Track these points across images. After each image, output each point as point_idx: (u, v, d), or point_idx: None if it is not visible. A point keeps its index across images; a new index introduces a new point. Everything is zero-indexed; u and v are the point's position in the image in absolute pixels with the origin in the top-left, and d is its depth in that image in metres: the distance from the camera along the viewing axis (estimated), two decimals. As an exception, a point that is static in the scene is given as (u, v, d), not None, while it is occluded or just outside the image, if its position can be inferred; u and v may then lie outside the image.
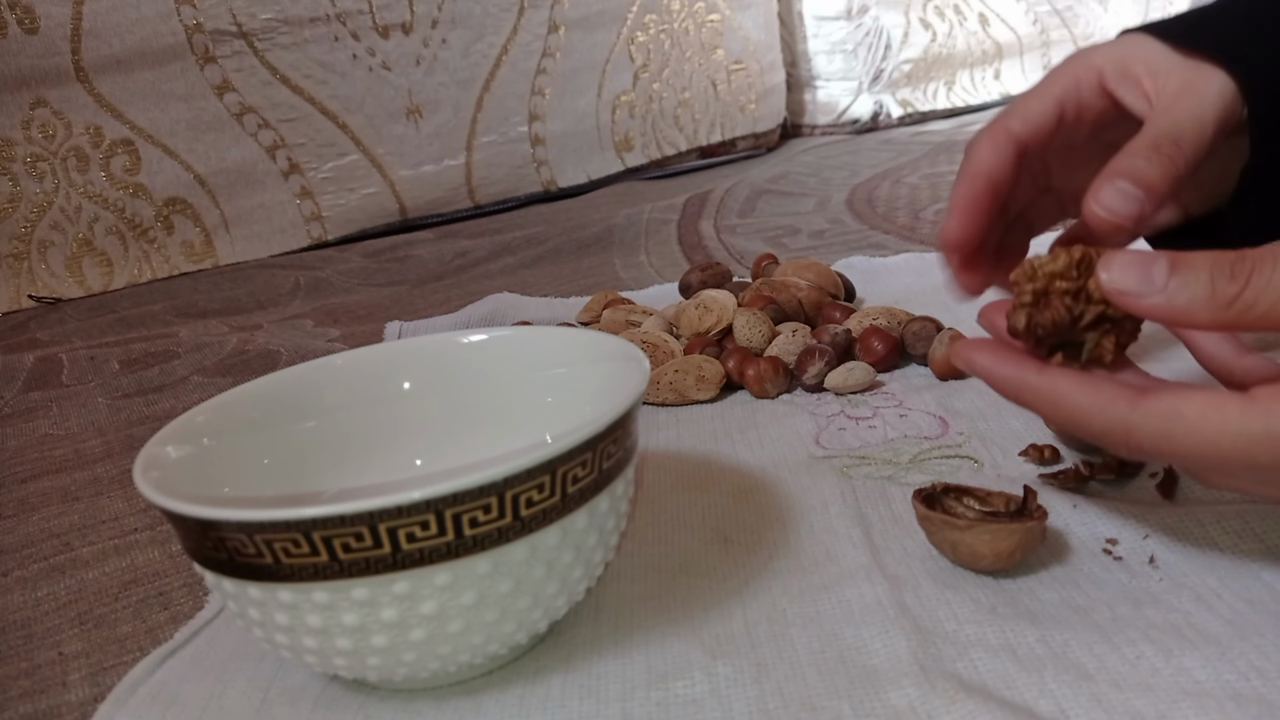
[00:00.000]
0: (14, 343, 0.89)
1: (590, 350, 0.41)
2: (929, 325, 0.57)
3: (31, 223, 1.03)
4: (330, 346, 0.77)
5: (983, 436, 0.48)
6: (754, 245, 0.93)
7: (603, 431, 0.31)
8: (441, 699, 0.34)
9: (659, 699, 0.32)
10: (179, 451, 0.35)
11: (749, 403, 0.56)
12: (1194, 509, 0.39)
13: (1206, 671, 0.31)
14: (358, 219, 1.19)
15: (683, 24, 1.39)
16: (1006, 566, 0.36)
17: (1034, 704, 0.30)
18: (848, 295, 0.68)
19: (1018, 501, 0.38)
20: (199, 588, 0.43)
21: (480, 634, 0.31)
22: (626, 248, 0.98)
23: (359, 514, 0.28)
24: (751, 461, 0.48)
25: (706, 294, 0.64)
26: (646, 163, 1.38)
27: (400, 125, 1.19)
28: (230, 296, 0.98)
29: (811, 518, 0.42)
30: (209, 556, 0.30)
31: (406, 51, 1.18)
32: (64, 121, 1.03)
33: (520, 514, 0.30)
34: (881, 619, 0.35)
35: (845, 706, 0.31)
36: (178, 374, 0.73)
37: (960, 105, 1.59)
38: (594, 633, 0.36)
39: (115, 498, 0.54)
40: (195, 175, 1.09)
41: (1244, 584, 0.35)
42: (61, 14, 1.01)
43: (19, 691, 0.38)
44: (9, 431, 0.65)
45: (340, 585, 0.29)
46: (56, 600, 0.44)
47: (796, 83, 1.56)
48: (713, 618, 0.36)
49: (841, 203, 1.06)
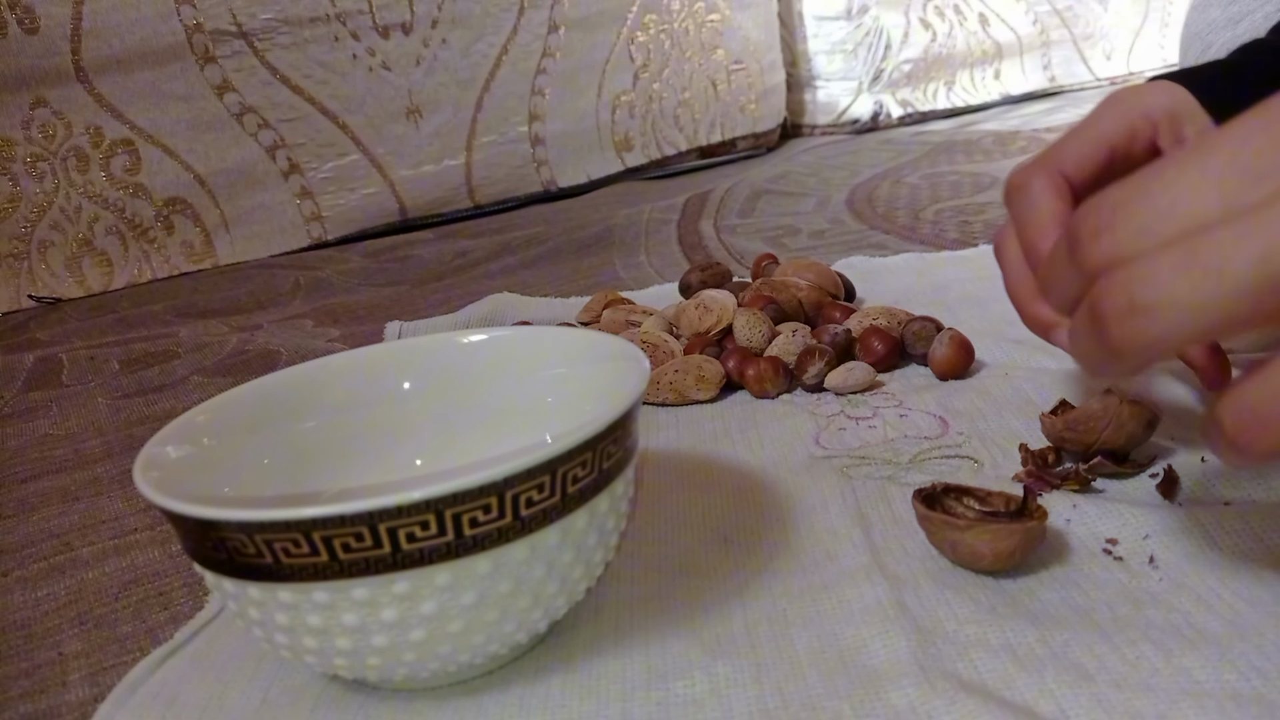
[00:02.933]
0: (14, 343, 0.89)
1: (590, 350, 0.41)
2: (929, 325, 0.57)
3: (31, 223, 1.03)
4: (330, 346, 0.77)
5: (983, 436, 0.48)
6: (754, 245, 0.93)
7: (603, 431, 0.31)
8: (441, 699, 0.34)
9: (659, 699, 0.32)
10: (179, 451, 0.35)
11: (749, 403, 0.56)
12: (1194, 509, 0.39)
13: (1206, 671, 0.31)
14: (358, 219, 1.19)
15: (683, 24, 1.39)
16: (1006, 566, 0.36)
17: (1034, 704, 0.30)
18: (848, 295, 0.68)
19: (1018, 501, 0.38)
20: (199, 588, 0.43)
21: (480, 634, 0.31)
22: (626, 248, 0.98)
23: (359, 514, 0.28)
24: (751, 461, 0.48)
25: (706, 294, 0.64)
26: (646, 163, 1.38)
27: (400, 125, 1.19)
28: (230, 296, 0.98)
29: (811, 518, 0.42)
30: (209, 556, 0.30)
31: (406, 51, 1.18)
32: (64, 121, 1.03)
33: (520, 514, 0.30)
34: (881, 619, 0.35)
35: (845, 706, 0.31)
36: (178, 374, 0.73)
37: (960, 105, 1.59)
38: (594, 633, 0.36)
39: (115, 498, 0.54)
40: (195, 175, 1.09)
41: (1244, 584, 0.35)
42: (61, 14, 1.01)
43: (19, 691, 0.38)
44: (9, 431, 0.65)
45: (340, 585, 0.29)
46: (56, 600, 0.44)
47: (796, 83, 1.56)
48: (713, 618, 0.36)
49: (841, 203, 1.06)
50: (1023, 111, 1.54)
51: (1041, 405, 0.49)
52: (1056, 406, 0.46)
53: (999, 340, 0.59)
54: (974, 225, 0.89)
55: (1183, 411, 0.47)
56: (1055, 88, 1.66)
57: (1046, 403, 0.49)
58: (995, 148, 1.27)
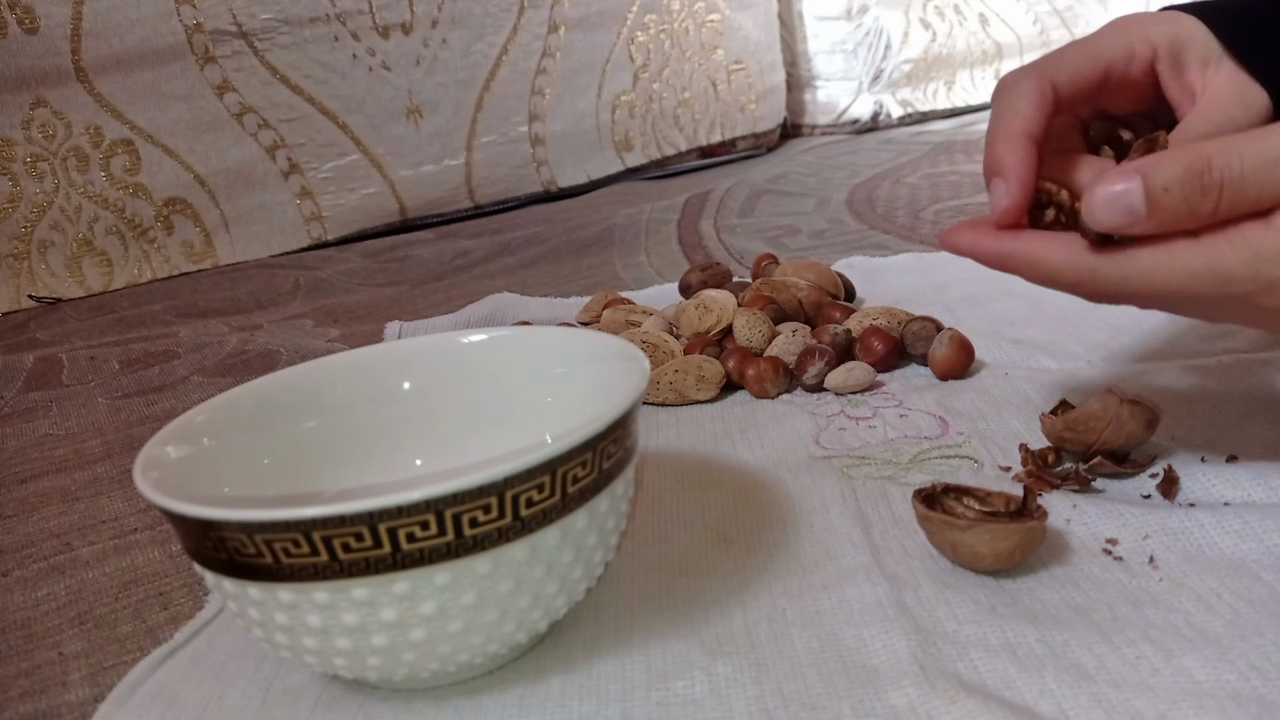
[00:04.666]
0: (14, 343, 0.89)
1: (590, 350, 0.41)
2: (929, 325, 0.57)
3: (31, 223, 1.03)
4: (330, 346, 0.77)
5: (983, 436, 0.48)
6: (754, 245, 0.93)
7: (603, 431, 0.31)
8: (441, 699, 0.34)
9: (659, 699, 0.32)
10: (179, 451, 0.35)
11: (749, 403, 0.56)
12: (1194, 509, 0.39)
13: (1206, 671, 0.31)
14: (358, 219, 1.19)
15: (683, 24, 1.39)
16: (1006, 566, 0.36)
17: (1034, 704, 0.30)
18: (848, 295, 0.68)
19: (1018, 501, 0.38)
20: (199, 588, 0.43)
21: (480, 634, 0.31)
22: (626, 248, 0.98)
23: (359, 514, 0.28)
24: (751, 461, 0.48)
25: (706, 294, 0.64)
26: (646, 163, 1.38)
27: (400, 125, 1.19)
28: (230, 296, 0.98)
29: (811, 518, 0.42)
30: (209, 556, 0.30)
31: (406, 51, 1.18)
32: (64, 121, 1.03)
33: (520, 514, 0.30)
34: (881, 619, 0.35)
35: (845, 706, 0.31)
36: (178, 374, 0.73)
37: (960, 105, 1.59)
38: (594, 633, 0.36)
39: (115, 498, 0.54)
40: (195, 175, 1.09)
41: (1244, 584, 0.35)
42: (61, 14, 1.01)
43: (19, 691, 0.38)
44: (9, 431, 0.65)
45: (340, 585, 0.29)
46: (56, 600, 0.44)
47: (796, 83, 1.56)
48: (713, 618, 0.36)
49: (841, 203, 1.06)
50: (1023, 111, 1.54)
51: (1041, 405, 0.49)
52: (1056, 406, 0.46)
53: (999, 340, 0.59)
54: (974, 225, 0.89)
55: (1183, 411, 0.47)
56: (1055, 88, 1.65)
57: (1046, 403, 0.49)
58: (995, 148, 1.27)
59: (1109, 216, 0.32)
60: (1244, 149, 0.30)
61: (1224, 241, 0.31)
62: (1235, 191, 0.31)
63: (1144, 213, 0.32)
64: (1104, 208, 0.32)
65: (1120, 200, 0.32)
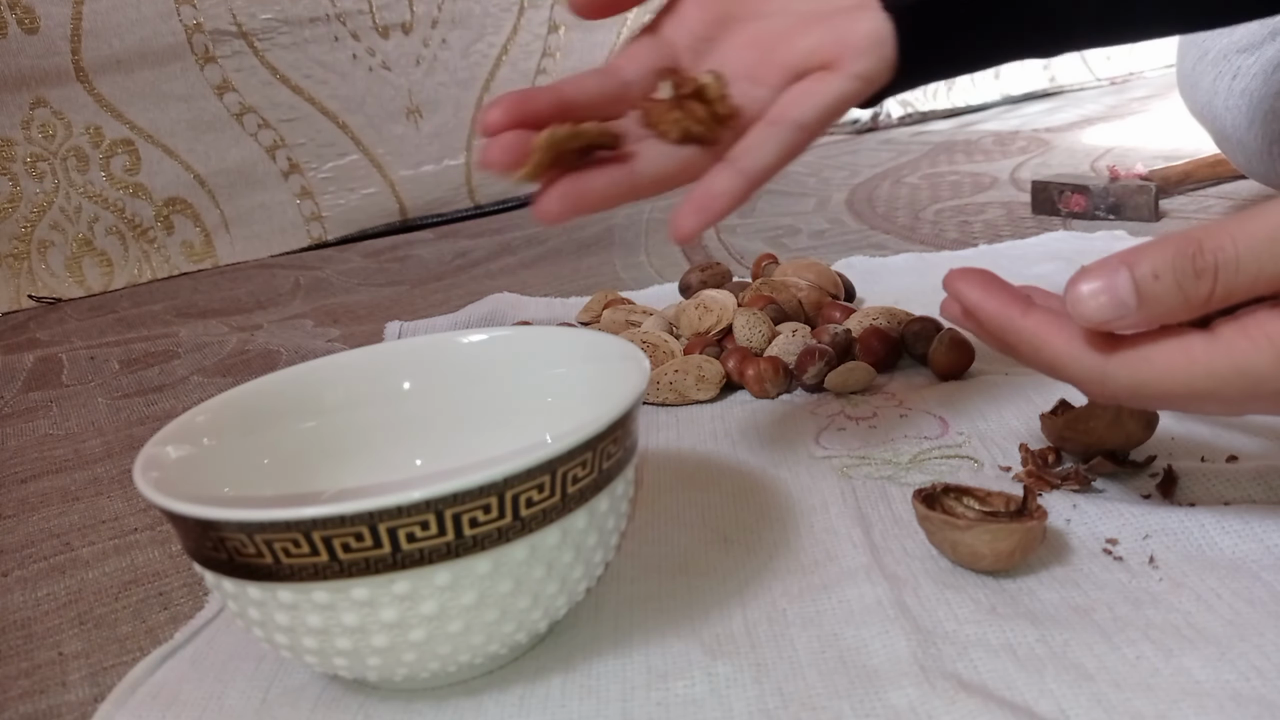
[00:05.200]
0: (14, 343, 0.89)
1: (590, 350, 0.41)
2: (929, 325, 0.57)
3: (31, 223, 1.03)
4: (330, 346, 0.77)
5: (983, 436, 0.48)
6: (754, 245, 0.93)
7: (603, 431, 0.31)
8: (441, 699, 0.34)
9: (659, 699, 0.32)
10: (179, 451, 0.35)
11: (749, 403, 0.56)
12: (1194, 509, 0.39)
13: (1206, 671, 0.31)
14: (358, 219, 1.19)
15: (683, 24, 1.39)
16: (1006, 566, 0.36)
17: (1034, 704, 0.30)
18: (848, 295, 0.68)
19: (1018, 501, 0.38)
20: (199, 588, 0.43)
21: (480, 634, 0.31)
22: (626, 248, 0.98)
23: (359, 514, 0.28)
24: (751, 461, 0.48)
25: (706, 294, 0.64)
26: (646, 163, 1.38)
27: (400, 125, 1.19)
28: (230, 296, 0.98)
29: (811, 518, 0.42)
30: (209, 556, 0.30)
31: (406, 51, 1.19)
32: (64, 121, 1.03)
33: (520, 514, 0.30)
34: (881, 619, 0.35)
35: (845, 706, 0.31)
36: (178, 374, 0.73)
37: (960, 105, 1.59)
38: (594, 633, 0.36)
39: (115, 498, 0.54)
40: (195, 175, 1.10)
41: (1244, 584, 0.35)
42: (61, 14, 1.01)
43: (19, 691, 0.38)
44: (9, 431, 0.65)
45: (340, 585, 0.29)
46: (56, 600, 0.44)
47: (796, 83, 1.56)
48: (713, 618, 0.36)
49: (841, 203, 1.06)
50: (1023, 111, 1.54)
51: (1041, 405, 0.49)
52: (1056, 406, 0.46)
53: (999, 340, 0.59)
54: (974, 225, 0.89)
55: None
56: (1055, 88, 1.66)
57: (1046, 403, 0.49)
58: (995, 148, 1.27)
59: (1096, 311, 0.30)
60: (1234, 231, 0.29)
61: (1243, 339, 0.29)
62: (1231, 274, 0.29)
63: (1134, 304, 0.29)
64: (1090, 301, 0.30)
65: (1105, 293, 0.30)
